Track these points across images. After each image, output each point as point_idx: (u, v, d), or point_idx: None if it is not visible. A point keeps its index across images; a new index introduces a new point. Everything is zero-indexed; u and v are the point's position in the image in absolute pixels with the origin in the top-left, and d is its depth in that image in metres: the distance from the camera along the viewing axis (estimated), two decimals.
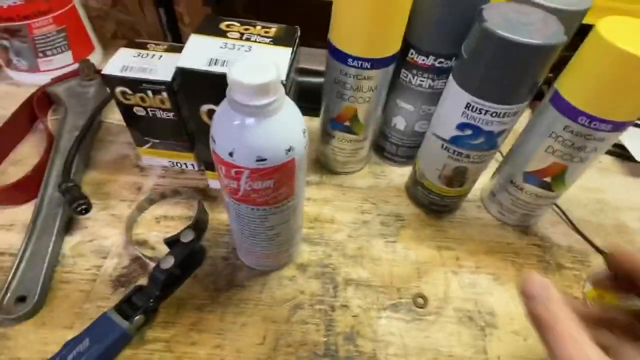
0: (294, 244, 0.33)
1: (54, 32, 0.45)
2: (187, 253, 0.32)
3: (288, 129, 0.22)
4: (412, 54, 0.34)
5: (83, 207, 0.33)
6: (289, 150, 0.23)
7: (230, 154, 0.22)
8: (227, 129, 0.22)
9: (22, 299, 0.30)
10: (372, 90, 0.35)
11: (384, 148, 0.44)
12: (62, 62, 0.47)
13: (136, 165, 0.41)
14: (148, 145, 0.39)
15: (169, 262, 0.31)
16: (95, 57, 0.51)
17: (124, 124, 0.44)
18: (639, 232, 0.41)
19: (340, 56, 0.33)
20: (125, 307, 0.29)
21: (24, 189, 0.36)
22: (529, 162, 0.34)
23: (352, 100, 0.35)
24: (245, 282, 0.33)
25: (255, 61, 0.21)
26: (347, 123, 0.37)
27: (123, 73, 0.32)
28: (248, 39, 0.31)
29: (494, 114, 0.29)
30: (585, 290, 0.35)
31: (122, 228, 0.36)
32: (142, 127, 0.37)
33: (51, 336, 0.29)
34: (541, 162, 0.33)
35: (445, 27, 0.32)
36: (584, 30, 0.30)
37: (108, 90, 0.33)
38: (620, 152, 0.48)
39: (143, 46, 0.35)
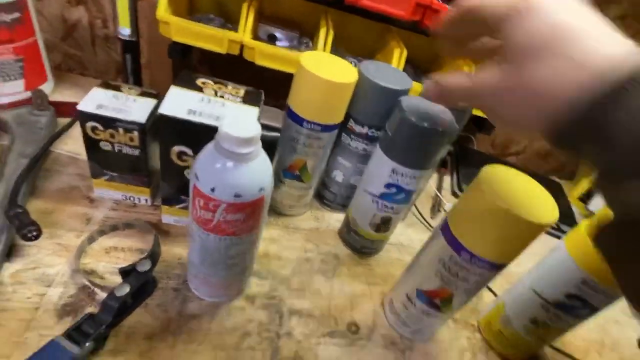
0: (246, 276, 0.37)
1: (11, 61, 0.45)
2: (143, 282, 0.33)
3: (261, 172, 0.28)
4: (351, 122, 0.43)
5: (34, 233, 0.33)
6: (260, 189, 0.28)
7: (212, 190, 0.26)
8: (211, 169, 0.27)
9: None
10: (320, 148, 0.42)
11: (324, 196, 0.51)
12: (12, 89, 0.47)
13: (86, 196, 0.42)
14: (105, 177, 0.40)
15: (124, 290, 0.32)
16: (46, 88, 0.51)
17: (74, 155, 0.45)
18: None
19: (296, 119, 0.40)
20: (74, 334, 0.29)
21: None
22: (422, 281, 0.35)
23: (303, 154, 0.42)
24: (196, 312, 0.35)
25: (241, 118, 0.27)
26: (297, 172, 0.44)
27: (98, 111, 0.35)
28: (222, 97, 0.36)
29: (412, 177, 0.38)
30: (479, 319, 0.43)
31: (68, 257, 0.36)
32: (103, 161, 0.39)
33: None
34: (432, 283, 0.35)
35: (376, 107, 0.41)
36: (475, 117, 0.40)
37: (79, 124, 0.35)
38: None
39: (117, 88, 0.39)
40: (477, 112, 0.51)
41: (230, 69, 0.75)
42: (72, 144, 0.46)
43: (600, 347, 0.46)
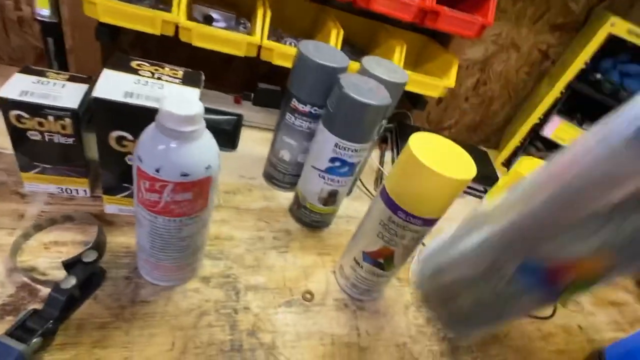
0: (199, 258, 0.37)
1: None
2: (90, 273, 0.33)
3: (207, 151, 0.28)
4: (294, 101, 0.44)
5: None
6: (207, 167, 0.28)
7: (157, 170, 0.27)
8: (155, 150, 0.27)
9: None
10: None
11: (273, 175, 0.52)
12: None
13: (16, 192, 0.39)
14: (36, 170, 0.38)
15: (70, 282, 0.31)
16: None
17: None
18: None
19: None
20: (18, 332, 0.28)
21: None
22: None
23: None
24: (149, 297, 0.35)
25: (182, 96, 0.27)
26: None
27: (23, 97, 0.33)
28: (159, 78, 0.36)
29: (353, 150, 0.40)
30: None
31: (2, 257, 0.34)
32: (33, 152, 0.36)
33: None
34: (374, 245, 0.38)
35: (317, 85, 0.43)
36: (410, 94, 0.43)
37: (2, 113, 0.33)
38: None
39: (41, 74, 0.36)
40: (410, 88, 0.54)
41: (166, 52, 0.72)
42: None
43: None
